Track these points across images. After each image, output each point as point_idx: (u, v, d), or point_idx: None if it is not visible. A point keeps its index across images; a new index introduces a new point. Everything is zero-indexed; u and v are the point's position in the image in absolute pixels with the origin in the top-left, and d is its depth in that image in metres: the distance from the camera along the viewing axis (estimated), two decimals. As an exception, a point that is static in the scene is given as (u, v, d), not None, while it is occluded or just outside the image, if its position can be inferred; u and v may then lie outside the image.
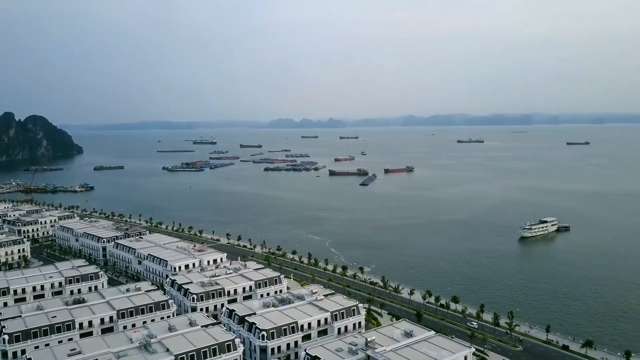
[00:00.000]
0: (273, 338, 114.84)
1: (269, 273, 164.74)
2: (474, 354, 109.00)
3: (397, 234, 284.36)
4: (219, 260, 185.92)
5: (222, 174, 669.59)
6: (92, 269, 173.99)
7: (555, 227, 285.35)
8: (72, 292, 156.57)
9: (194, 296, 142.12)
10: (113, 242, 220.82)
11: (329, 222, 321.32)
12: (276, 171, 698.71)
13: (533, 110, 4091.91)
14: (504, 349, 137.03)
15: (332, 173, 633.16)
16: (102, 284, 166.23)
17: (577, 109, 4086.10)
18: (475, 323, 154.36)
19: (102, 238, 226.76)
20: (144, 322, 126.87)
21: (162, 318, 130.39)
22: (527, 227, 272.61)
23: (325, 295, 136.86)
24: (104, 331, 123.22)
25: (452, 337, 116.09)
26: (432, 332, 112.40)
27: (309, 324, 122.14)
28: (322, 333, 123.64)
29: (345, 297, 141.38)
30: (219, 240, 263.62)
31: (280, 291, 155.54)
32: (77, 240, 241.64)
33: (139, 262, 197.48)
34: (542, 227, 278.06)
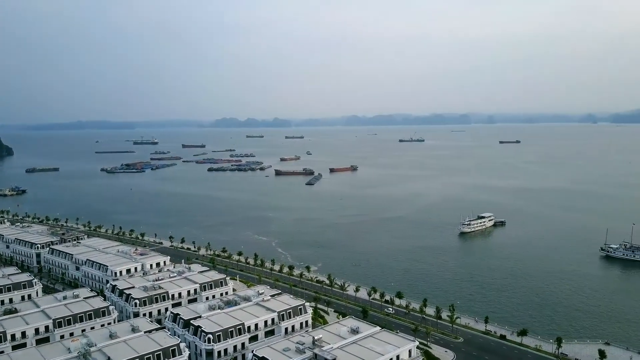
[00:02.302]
0: (219, 341, 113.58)
1: (214, 275, 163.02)
2: (417, 347, 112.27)
3: (343, 232, 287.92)
4: (162, 264, 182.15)
5: (164, 175, 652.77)
6: (24, 276, 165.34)
7: (492, 222, 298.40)
8: (2, 302, 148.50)
9: (136, 301, 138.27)
10: (48, 248, 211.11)
11: (276, 222, 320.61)
12: (220, 171, 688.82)
13: (471, 110, 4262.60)
14: (446, 341, 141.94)
15: (278, 173, 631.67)
16: (37, 292, 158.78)
17: (511, 109, 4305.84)
18: (391, 309, 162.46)
19: (36, 244, 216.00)
20: (83, 331, 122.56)
21: (102, 325, 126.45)
22: (466, 222, 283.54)
23: (272, 296, 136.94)
24: (39, 342, 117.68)
25: (397, 332, 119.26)
26: (378, 328, 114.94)
27: (256, 325, 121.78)
28: (269, 333, 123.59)
29: (291, 296, 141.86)
30: (161, 243, 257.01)
31: (226, 293, 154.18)
32: (7, 247, 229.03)
33: (77, 268, 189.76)
34: (480, 223, 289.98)
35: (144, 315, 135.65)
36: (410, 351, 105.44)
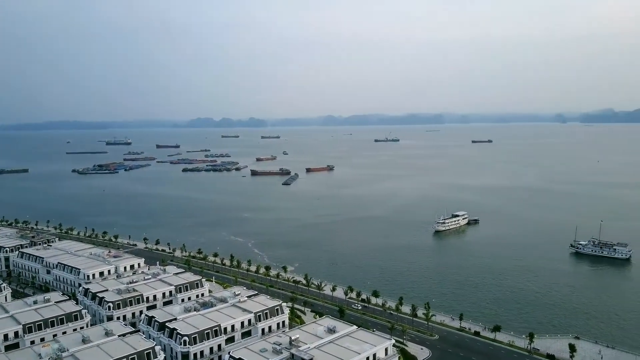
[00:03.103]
0: (195, 343, 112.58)
1: (190, 277, 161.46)
2: (394, 345, 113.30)
3: (319, 232, 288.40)
4: (136, 266, 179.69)
5: (137, 176, 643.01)
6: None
7: (466, 221, 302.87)
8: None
9: (110, 304, 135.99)
10: (17, 252, 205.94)
11: (252, 223, 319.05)
12: (195, 172, 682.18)
13: (444, 110, 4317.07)
14: (422, 338, 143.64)
15: (254, 173, 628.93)
16: (5, 297, 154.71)
17: (485, 109, 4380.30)
18: (359, 306, 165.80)
19: (4, 247, 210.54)
20: (55, 336, 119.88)
21: (74, 330, 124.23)
22: (440, 221, 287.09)
23: (249, 297, 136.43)
24: (8, 348, 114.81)
25: (373, 331, 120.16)
26: (354, 327, 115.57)
27: (232, 327, 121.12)
28: (246, 335, 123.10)
29: (268, 297, 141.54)
30: (135, 245, 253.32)
31: (202, 295, 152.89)
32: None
33: (48, 272, 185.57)
34: (455, 221, 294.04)
35: (118, 318, 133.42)
36: (386, 349, 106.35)
